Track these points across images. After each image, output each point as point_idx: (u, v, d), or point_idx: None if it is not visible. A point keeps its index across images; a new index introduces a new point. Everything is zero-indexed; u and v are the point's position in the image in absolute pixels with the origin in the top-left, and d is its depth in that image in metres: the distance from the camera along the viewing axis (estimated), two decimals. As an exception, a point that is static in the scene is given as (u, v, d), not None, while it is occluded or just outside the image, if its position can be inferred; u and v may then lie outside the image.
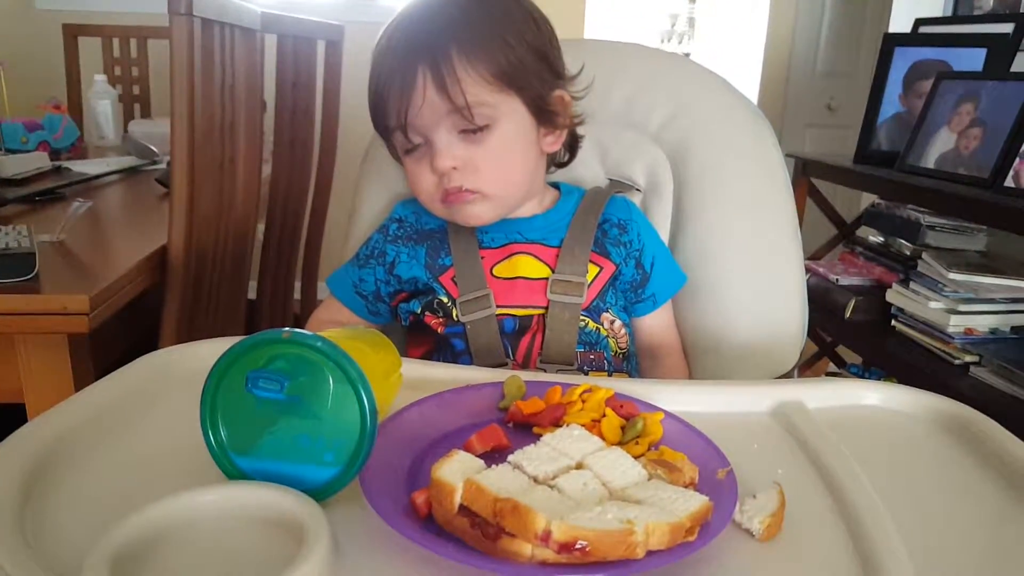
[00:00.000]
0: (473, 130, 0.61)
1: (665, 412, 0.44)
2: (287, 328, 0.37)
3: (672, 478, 0.36)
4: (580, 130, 0.74)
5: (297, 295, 1.62)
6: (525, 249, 0.67)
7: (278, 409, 0.37)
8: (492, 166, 0.62)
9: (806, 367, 2.04)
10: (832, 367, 1.96)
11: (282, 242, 1.43)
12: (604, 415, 0.44)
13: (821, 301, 1.67)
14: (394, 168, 0.77)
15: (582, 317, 0.65)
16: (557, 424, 0.44)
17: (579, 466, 0.37)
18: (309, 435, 0.37)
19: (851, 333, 1.63)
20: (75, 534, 0.35)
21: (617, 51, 0.79)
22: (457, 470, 0.35)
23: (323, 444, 0.36)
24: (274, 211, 1.39)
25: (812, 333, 1.93)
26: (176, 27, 0.85)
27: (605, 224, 0.69)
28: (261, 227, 1.36)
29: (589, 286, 0.65)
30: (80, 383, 0.82)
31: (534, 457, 0.36)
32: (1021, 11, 1.80)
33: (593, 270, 0.66)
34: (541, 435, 0.43)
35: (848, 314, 1.61)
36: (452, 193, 0.63)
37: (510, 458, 0.37)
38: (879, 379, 1.70)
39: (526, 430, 0.45)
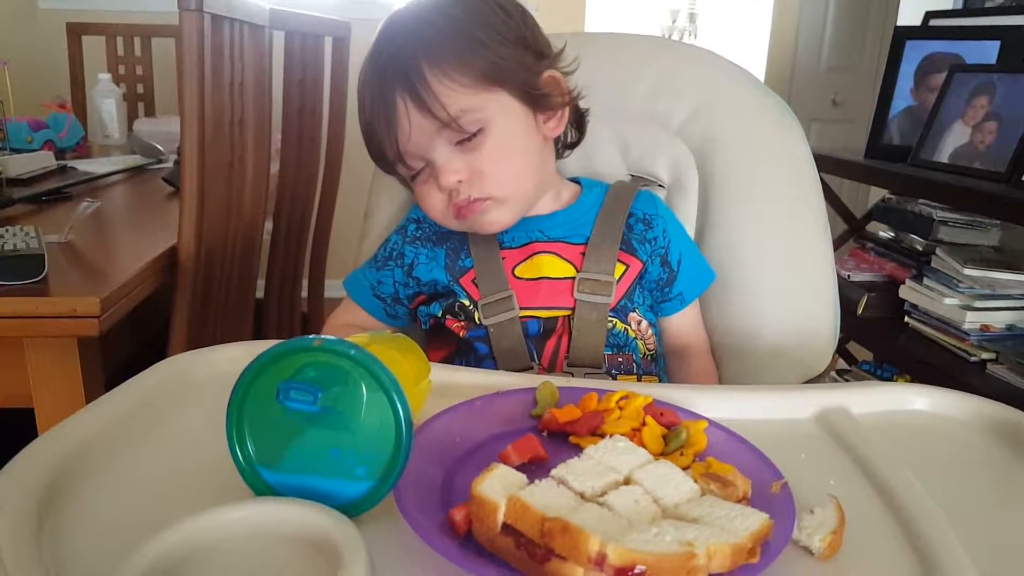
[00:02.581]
0: (468, 138, 0.59)
1: (709, 420, 0.43)
2: (317, 335, 0.35)
3: (726, 493, 0.34)
4: (599, 124, 0.72)
5: (304, 293, 1.61)
6: (548, 248, 0.65)
7: (308, 420, 0.35)
8: (496, 168, 0.61)
9: (817, 364, 2.01)
10: (843, 364, 1.94)
11: (289, 240, 1.42)
12: (644, 423, 0.42)
13: (833, 298, 1.65)
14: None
15: (609, 318, 0.63)
16: (594, 433, 0.42)
17: (627, 481, 0.35)
18: (340, 448, 0.35)
19: (863, 330, 1.61)
20: (95, 555, 0.34)
21: (639, 45, 0.77)
22: (499, 486, 0.33)
23: (355, 457, 0.35)
24: (281, 209, 1.37)
25: (823, 330, 1.91)
26: (186, 23, 0.83)
27: (630, 219, 0.67)
28: (268, 225, 1.34)
29: (616, 285, 0.63)
30: (90, 387, 0.80)
31: (579, 472, 0.34)
32: (1035, 3, 1.77)
33: (619, 268, 0.64)
34: (579, 445, 0.41)
35: (860, 310, 1.59)
36: (463, 206, 0.61)
37: (553, 472, 0.35)
38: (892, 377, 1.68)
39: (562, 439, 0.43)
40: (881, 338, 1.56)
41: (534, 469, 0.39)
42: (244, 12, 0.97)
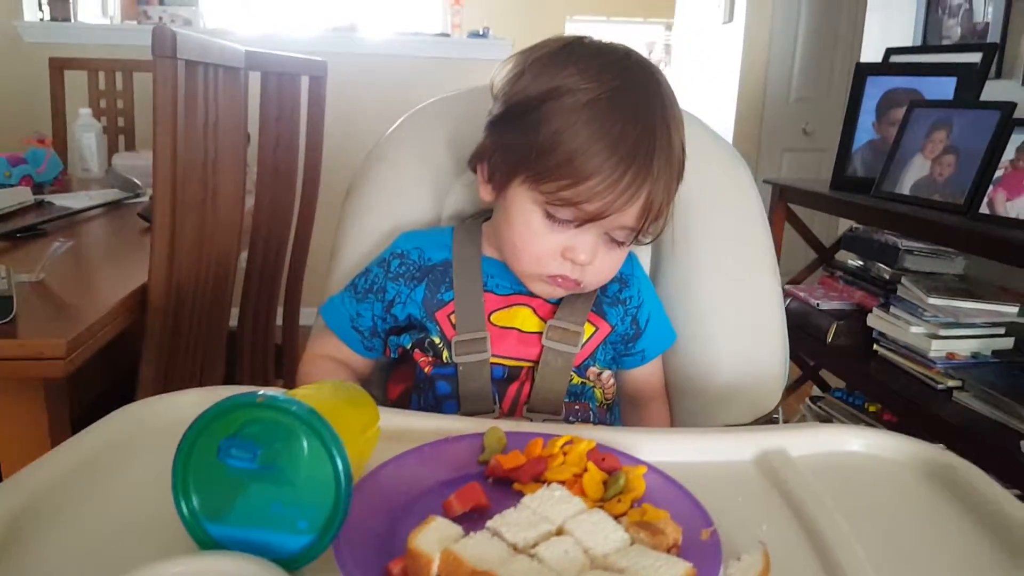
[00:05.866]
0: (619, 243, 0.62)
1: (648, 466, 0.44)
2: (261, 391, 0.36)
3: (655, 542, 0.36)
4: None
5: (279, 321, 1.61)
6: (527, 301, 0.66)
7: (251, 475, 0.36)
8: (608, 269, 0.64)
9: (790, 391, 2.04)
10: (816, 391, 1.97)
11: (264, 270, 1.42)
12: (586, 469, 0.43)
13: (803, 325, 1.68)
14: (379, 206, 0.76)
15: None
16: (538, 479, 0.43)
17: (560, 531, 0.36)
18: (282, 501, 0.36)
19: (834, 357, 1.64)
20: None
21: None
22: (434, 538, 0.34)
23: (297, 511, 0.36)
24: (257, 240, 1.38)
25: (795, 357, 1.94)
26: (160, 69, 0.85)
27: None
28: (244, 255, 1.35)
29: (584, 344, 0.65)
30: (55, 428, 0.80)
31: (513, 523, 0.36)
32: (987, 41, 1.85)
33: (589, 329, 0.66)
34: (522, 492, 0.42)
35: (830, 338, 1.62)
36: (566, 280, 0.62)
37: (489, 524, 0.36)
38: (863, 404, 1.71)
39: (507, 485, 0.44)
40: (851, 366, 1.59)
41: (476, 518, 0.40)
42: (219, 56, 1.00)
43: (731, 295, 0.72)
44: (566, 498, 0.38)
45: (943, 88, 1.69)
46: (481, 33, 2.76)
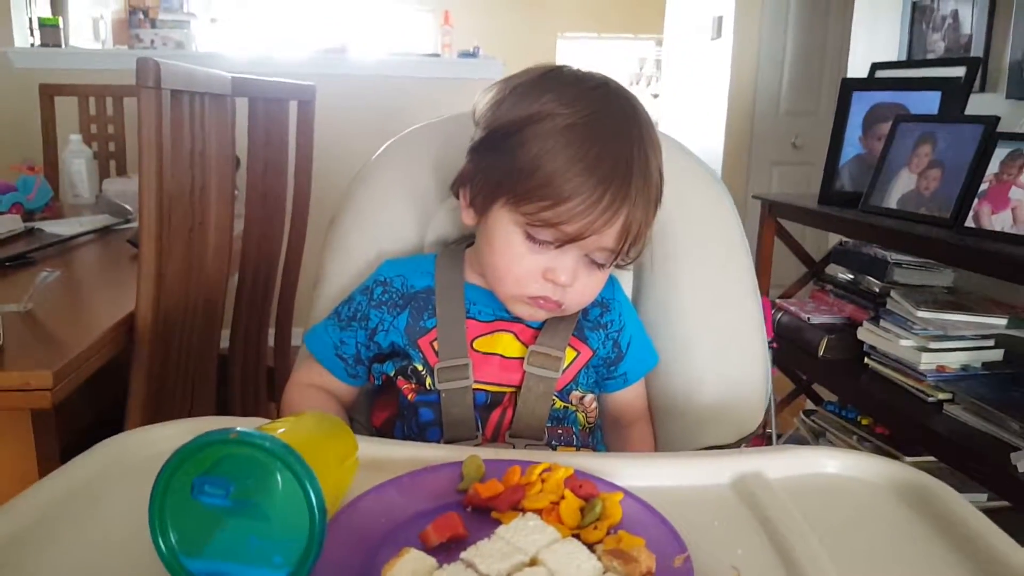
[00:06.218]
0: (600, 265, 0.62)
1: (624, 492, 0.44)
2: (237, 427, 0.37)
3: (628, 570, 0.36)
4: None
5: (270, 342, 1.61)
6: (509, 327, 0.67)
7: (227, 509, 0.36)
8: (589, 292, 0.64)
9: (783, 405, 2.04)
10: (810, 405, 1.97)
11: (255, 293, 1.43)
12: (563, 497, 0.44)
13: (795, 339, 1.69)
14: (363, 230, 0.77)
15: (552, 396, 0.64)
16: (516, 507, 0.44)
17: (533, 561, 0.36)
18: (258, 536, 0.36)
19: (826, 371, 1.64)
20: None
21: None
22: (408, 570, 0.34)
23: (272, 545, 0.36)
24: (247, 264, 1.39)
25: (788, 371, 1.94)
26: (145, 100, 0.86)
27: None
28: (235, 278, 1.35)
29: (565, 369, 0.65)
30: (44, 458, 0.80)
31: (487, 554, 0.36)
32: (971, 55, 1.88)
33: (570, 354, 0.66)
34: (500, 520, 0.42)
35: (821, 352, 1.62)
36: (548, 302, 0.62)
37: (462, 555, 0.36)
38: (856, 417, 1.71)
39: (485, 514, 0.44)
40: (843, 379, 1.59)
41: (454, 548, 0.40)
42: (205, 84, 1.01)
43: (712, 317, 0.72)
44: (540, 528, 0.39)
45: (928, 102, 1.71)
46: (471, 52, 2.79)
